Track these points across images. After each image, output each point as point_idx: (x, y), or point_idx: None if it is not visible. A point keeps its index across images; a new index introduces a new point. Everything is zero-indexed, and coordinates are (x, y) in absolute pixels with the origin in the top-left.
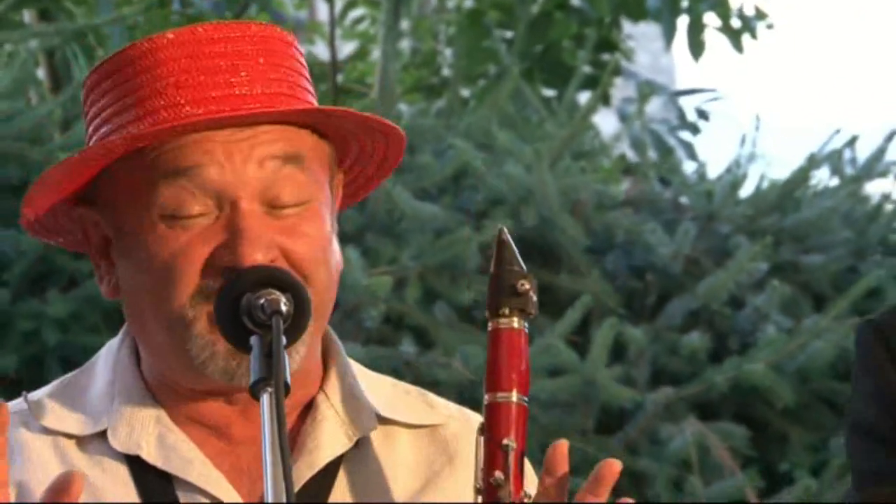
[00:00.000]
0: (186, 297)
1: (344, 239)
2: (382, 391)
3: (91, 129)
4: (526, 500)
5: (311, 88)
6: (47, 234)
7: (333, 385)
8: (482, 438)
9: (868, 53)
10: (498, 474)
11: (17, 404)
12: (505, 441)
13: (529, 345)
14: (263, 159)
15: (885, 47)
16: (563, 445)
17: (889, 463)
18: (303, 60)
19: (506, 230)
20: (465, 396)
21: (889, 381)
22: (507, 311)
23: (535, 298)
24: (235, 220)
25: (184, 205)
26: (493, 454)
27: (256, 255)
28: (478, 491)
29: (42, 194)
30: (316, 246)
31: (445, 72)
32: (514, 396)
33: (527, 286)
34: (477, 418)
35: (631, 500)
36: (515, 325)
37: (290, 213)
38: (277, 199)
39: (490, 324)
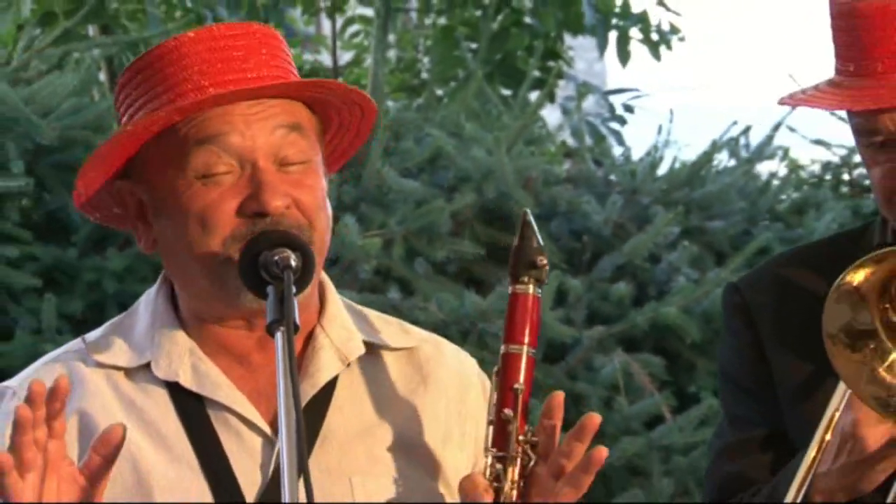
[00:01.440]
0: (223, 239)
1: (342, 208)
2: (368, 321)
3: (125, 117)
4: (528, 436)
5: (297, 74)
6: (91, 210)
7: (328, 319)
8: (496, 380)
9: (761, 58)
10: (507, 411)
11: (75, 344)
12: (515, 385)
13: (487, 295)
14: (274, 127)
15: (775, 54)
16: (559, 396)
17: (754, 409)
18: (289, 52)
19: (529, 212)
20: (438, 333)
21: (747, 342)
22: (525, 279)
23: (547, 270)
24: (257, 175)
25: (213, 165)
26: (504, 395)
27: (277, 201)
28: (490, 423)
29: (93, 168)
30: (317, 196)
31: (424, 75)
32: (525, 349)
33: (544, 261)
34: (445, 344)
35: (605, 450)
36: (531, 291)
37: (296, 170)
38: (286, 159)
39: (511, 288)
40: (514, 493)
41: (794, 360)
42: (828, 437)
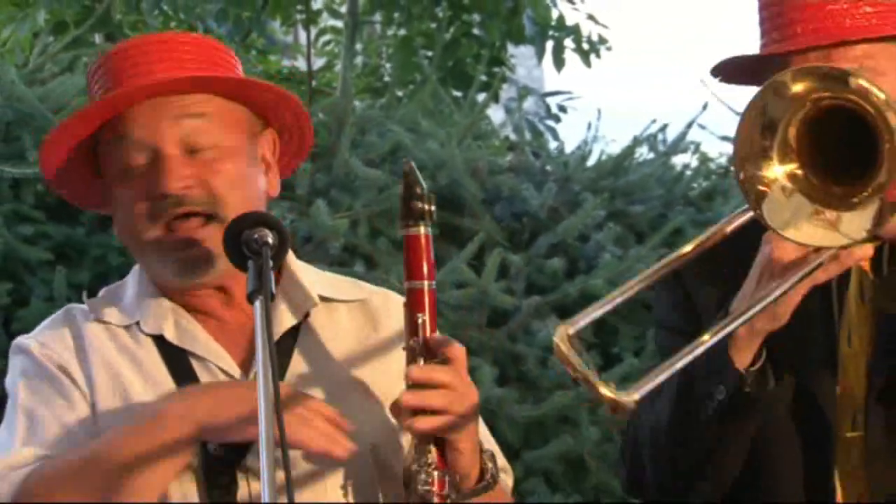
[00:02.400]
0: (143, 224)
1: (315, 193)
2: (325, 279)
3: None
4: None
5: (231, 72)
6: (81, 202)
7: (284, 281)
8: (405, 312)
9: (677, 67)
10: (413, 341)
11: (78, 307)
12: (419, 316)
13: (441, 268)
14: (179, 118)
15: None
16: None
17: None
18: (227, 55)
19: (412, 163)
20: None
21: (675, 293)
22: (414, 222)
23: (434, 210)
24: (159, 162)
25: (129, 160)
26: (412, 326)
27: (175, 183)
28: (404, 349)
29: (47, 151)
30: (228, 177)
31: (386, 79)
32: (426, 283)
33: (427, 206)
34: (392, 294)
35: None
36: (422, 231)
37: (207, 154)
38: (195, 145)
39: (404, 231)
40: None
41: (715, 295)
42: None
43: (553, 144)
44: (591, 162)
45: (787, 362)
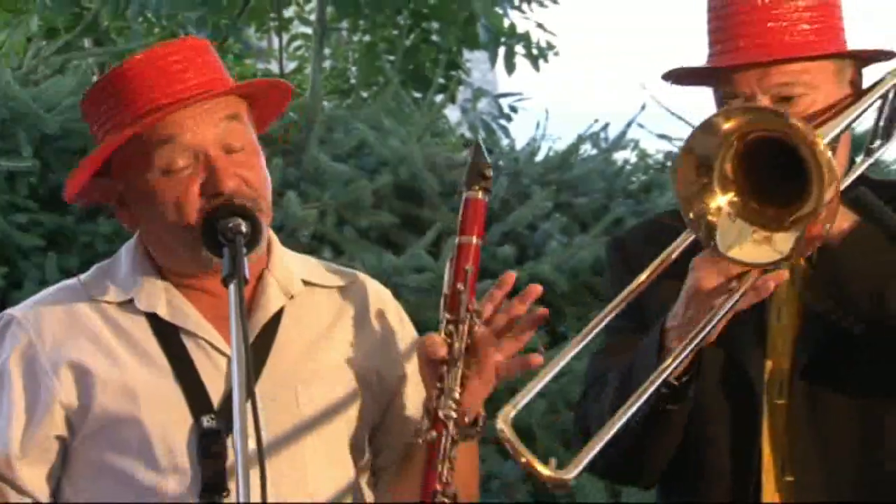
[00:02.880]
0: (194, 217)
1: (286, 185)
2: (307, 265)
3: (96, 127)
4: (477, 306)
5: (224, 72)
6: (78, 200)
7: (273, 264)
8: (450, 264)
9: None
10: (460, 285)
11: (72, 283)
12: (466, 266)
13: (402, 255)
14: (218, 121)
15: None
16: (511, 275)
17: (628, 326)
18: (216, 56)
19: (481, 140)
20: None
21: (622, 278)
22: (476, 187)
23: (492, 180)
24: (210, 163)
25: (174, 162)
26: (458, 273)
27: (230, 182)
28: (444, 296)
29: (77, 175)
30: (260, 172)
31: (352, 81)
32: (474, 239)
33: (490, 173)
34: (367, 279)
35: (538, 288)
36: (480, 196)
37: (240, 154)
38: (231, 146)
39: (465, 193)
40: (462, 347)
41: (659, 290)
42: None
43: (505, 142)
44: (539, 158)
45: (719, 338)
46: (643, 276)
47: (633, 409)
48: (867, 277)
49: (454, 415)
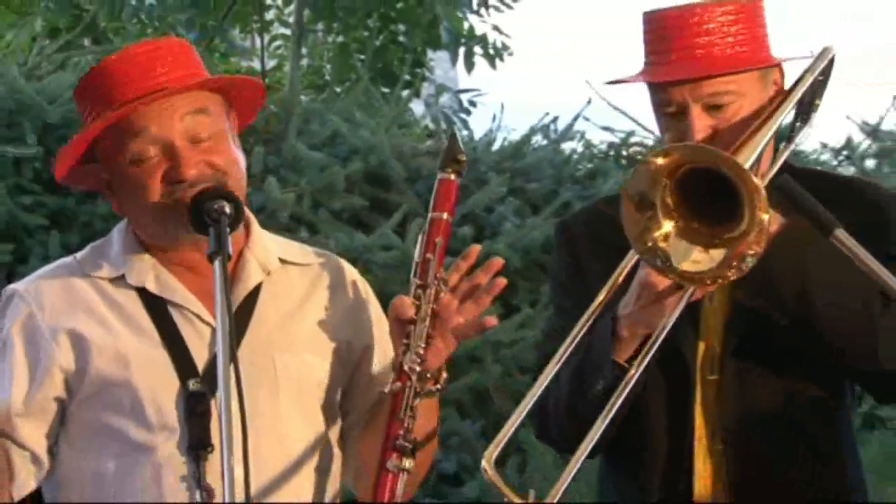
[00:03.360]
0: (157, 202)
1: (267, 171)
2: (283, 245)
3: (87, 122)
4: (443, 275)
5: (202, 69)
6: (72, 183)
7: (252, 242)
8: (422, 237)
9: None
10: (429, 255)
11: (68, 260)
12: (436, 239)
13: (371, 234)
14: (183, 115)
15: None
16: (475, 248)
17: (574, 306)
18: (193, 54)
19: (456, 130)
20: None
21: (568, 259)
22: (450, 170)
23: (464, 164)
24: (174, 153)
25: (143, 152)
26: (428, 245)
27: (191, 170)
28: (416, 263)
29: (62, 158)
30: (227, 155)
31: (327, 77)
32: (445, 215)
33: (463, 158)
34: (336, 259)
35: (499, 261)
36: (453, 178)
37: (207, 143)
38: (197, 136)
39: (440, 174)
40: (428, 309)
41: (601, 271)
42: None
43: (464, 133)
44: (495, 147)
45: None
46: (601, 296)
47: (602, 426)
48: (792, 278)
49: (418, 368)
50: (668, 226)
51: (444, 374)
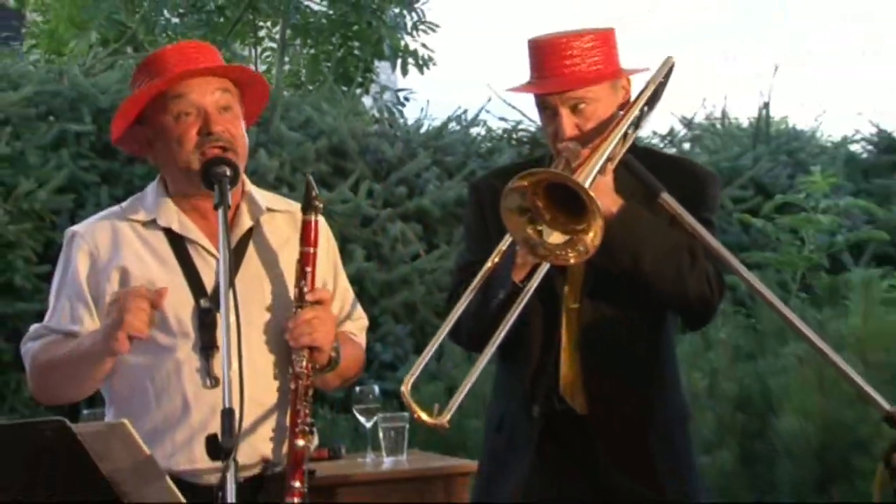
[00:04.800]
0: (191, 149)
1: (258, 145)
2: (270, 198)
3: (143, 87)
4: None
5: (223, 63)
6: (123, 146)
7: (245, 197)
8: (297, 265)
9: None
10: (302, 282)
11: (116, 208)
12: (307, 268)
13: (333, 191)
14: (214, 90)
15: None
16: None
17: (481, 249)
18: (218, 54)
19: (310, 176)
20: None
21: (476, 211)
22: (310, 212)
23: (321, 207)
24: (207, 114)
25: (184, 110)
26: (302, 272)
27: (218, 127)
28: (296, 289)
29: (118, 117)
30: (239, 130)
31: (302, 79)
32: (311, 249)
33: (320, 205)
34: None
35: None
36: (313, 219)
37: (227, 114)
38: (223, 109)
39: (303, 217)
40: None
41: (497, 222)
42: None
43: (401, 120)
44: (422, 130)
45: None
46: (489, 264)
47: (504, 329)
48: (627, 245)
49: (305, 371)
50: (542, 224)
51: (334, 354)
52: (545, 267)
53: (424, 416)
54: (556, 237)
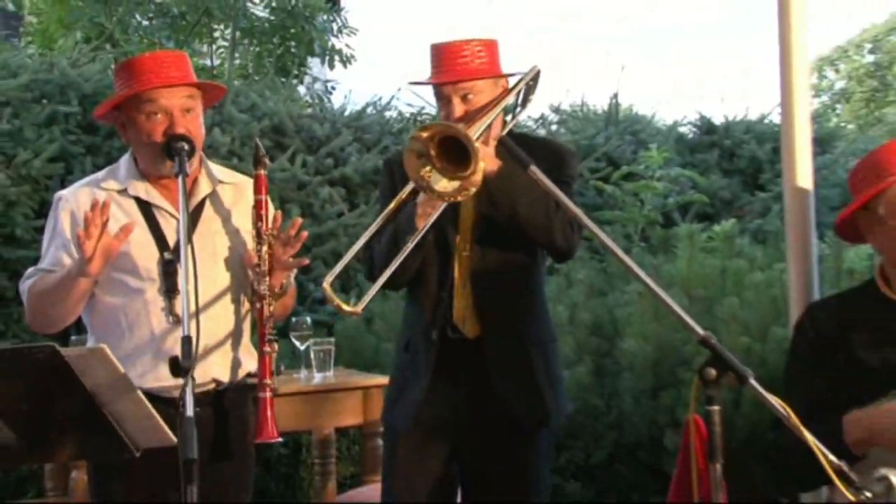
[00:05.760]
0: (158, 143)
1: (214, 125)
2: (222, 171)
3: (119, 89)
4: (271, 232)
5: (192, 72)
6: (103, 119)
7: (203, 170)
8: (253, 211)
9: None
10: (259, 224)
11: (94, 176)
12: (262, 212)
13: (275, 161)
14: (181, 97)
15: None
16: (297, 221)
17: (395, 208)
18: (189, 63)
19: (258, 140)
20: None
21: (387, 179)
22: (260, 168)
23: (268, 164)
24: (173, 117)
25: (154, 111)
26: (258, 216)
27: (180, 128)
28: (254, 231)
29: (101, 107)
30: (197, 125)
31: (250, 71)
32: (263, 197)
33: (267, 160)
34: (250, 180)
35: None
36: (262, 173)
37: (190, 114)
38: (186, 111)
39: (255, 172)
40: (266, 254)
41: (404, 187)
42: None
43: (328, 105)
44: (346, 113)
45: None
46: (392, 206)
47: (403, 255)
48: (506, 196)
49: (266, 290)
50: (430, 168)
51: (285, 281)
52: (438, 212)
53: (343, 306)
54: (443, 183)
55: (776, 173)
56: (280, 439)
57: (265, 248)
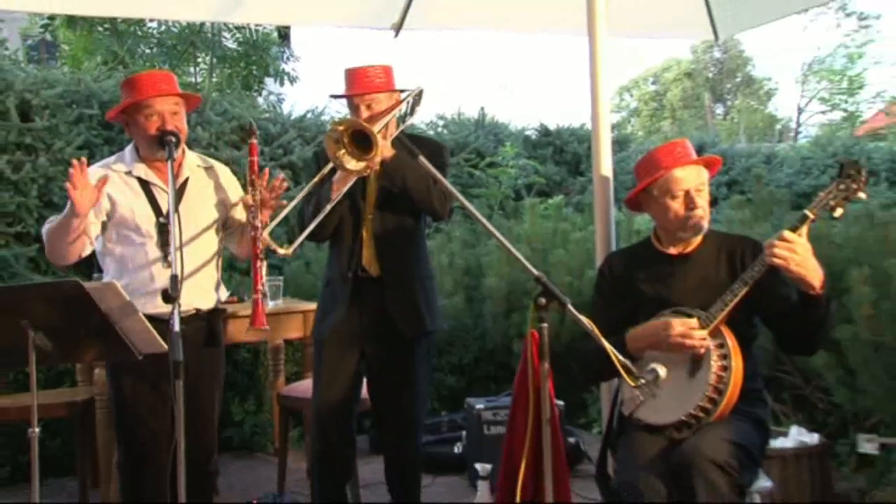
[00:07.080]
0: (154, 136)
1: (197, 124)
2: (200, 157)
3: (127, 97)
4: (262, 183)
5: (177, 86)
6: (113, 119)
7: (186, 158)
8: (249, 165)
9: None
10: (252, 176)
11: (105, 161)
12: (256, 167)
13: (240, 152)
14: (172, 104)
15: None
16: (281, 177)
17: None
18: (176, 80)
19: (255, 127)
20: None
21: (318, 166)
22: (252, 138)
23: (256, 133)
24: (164, 118)
25: (151, 114)
26: (252, 169)
27: (170, 126)
28: (247, 181)
29: (112, 112)
30: (182, 125)
31: (223, 87)
32: (256, 158)
33: (256, 130)
34: (221, 164)
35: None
36: (254, 141)
37: (176, 116)
38: (174, 113)
39: (250, 141)
40: (258, 197)
41: (331, 172)
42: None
43: (279, 111)
44: (292, 117)
45: (352, 189)
46: (316, 180)
47: (322, 215)
48: (399, 173)
49: (259, 223)
50: (344, 151)
51: (267, 220)
52: (349, 186)
53: (279, 249)
54: (353, 163)
55: (590, 164)
56: (267, 326)
57: (257, 193)
